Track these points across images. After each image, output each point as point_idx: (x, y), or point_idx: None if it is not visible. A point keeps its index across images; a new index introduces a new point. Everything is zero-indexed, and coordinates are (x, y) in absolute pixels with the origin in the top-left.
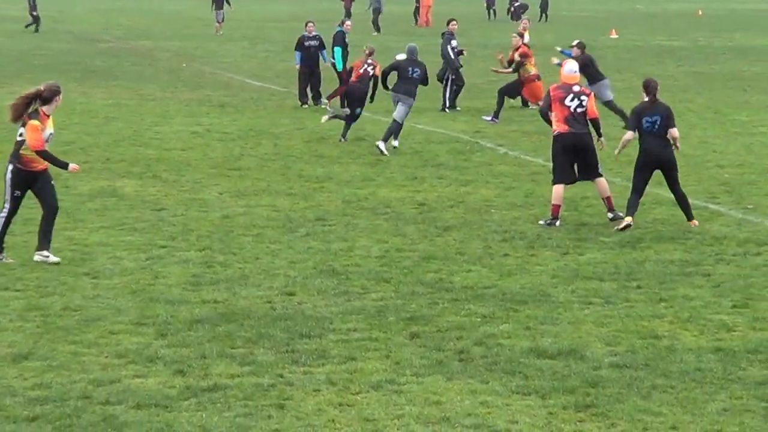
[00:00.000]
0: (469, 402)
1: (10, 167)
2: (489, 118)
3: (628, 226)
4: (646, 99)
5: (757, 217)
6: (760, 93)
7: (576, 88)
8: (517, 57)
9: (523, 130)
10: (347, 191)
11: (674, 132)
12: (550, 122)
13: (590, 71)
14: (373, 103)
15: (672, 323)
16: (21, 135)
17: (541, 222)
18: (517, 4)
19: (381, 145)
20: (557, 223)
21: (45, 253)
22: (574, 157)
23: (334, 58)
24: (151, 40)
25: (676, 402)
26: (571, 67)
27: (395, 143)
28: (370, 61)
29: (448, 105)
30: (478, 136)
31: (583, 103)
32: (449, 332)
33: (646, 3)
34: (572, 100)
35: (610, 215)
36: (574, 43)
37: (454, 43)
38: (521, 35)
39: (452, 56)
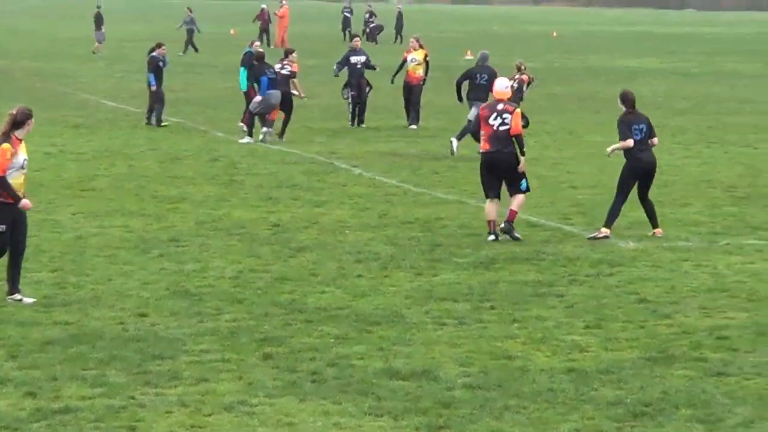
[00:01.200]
0: (322, 423)
1: None
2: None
3: (606, 237)
4: (627, 110)
5: (610, 237)
6: (615, 114)
7: (500, 107)
8: None
9: (378, 151)
10: (201, 212)
11: (656, 141)
12: (479, 141)
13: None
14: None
15: (525, 344)
16: None
17: (490, 238)
18: (372, 25)
19: (454, 142)
20: (491, 237)
21: (17, 296)
22: (499, 173)
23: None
24: (7, 59)
25: (529, 422)
26: (503, 83)
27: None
28: (517, 76)
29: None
30: (333, 157)
31: (506, 121)
32: (302, 353)
33: (502, 24)
34: (495, 118)
35: (502, 225)
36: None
37: (354, 59)
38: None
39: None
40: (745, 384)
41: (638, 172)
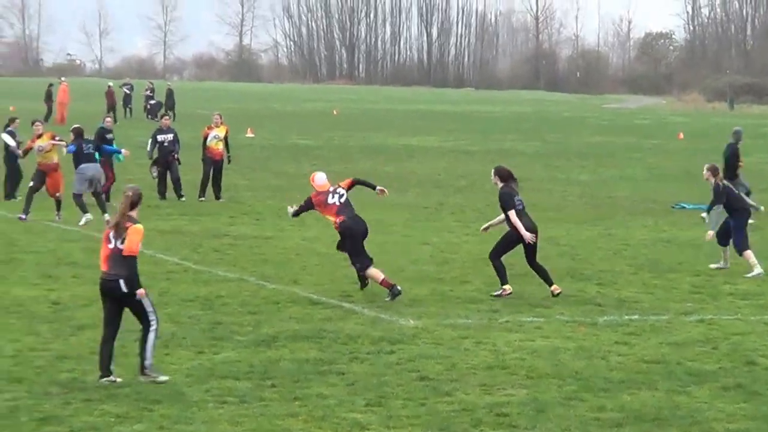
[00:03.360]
0: None
1: None
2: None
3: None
4: (503, 184)
5: (391, 315)
6: (395, 192)
7: (331, 188)
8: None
9: (158, 229)
10: None
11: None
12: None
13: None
14: None
15: (306, 422)
16: None
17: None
18: (152, 102)
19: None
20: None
21: None
22: (362, 238)
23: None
24: None
25: None
26: (322, 176)
27: None
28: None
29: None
30: None
31: (341, 193)
32: None
33: (281, 102)
34: (333, 197)
35: (387, 298)
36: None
37: (161, 137)
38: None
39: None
40: None
41: (519, 238)
